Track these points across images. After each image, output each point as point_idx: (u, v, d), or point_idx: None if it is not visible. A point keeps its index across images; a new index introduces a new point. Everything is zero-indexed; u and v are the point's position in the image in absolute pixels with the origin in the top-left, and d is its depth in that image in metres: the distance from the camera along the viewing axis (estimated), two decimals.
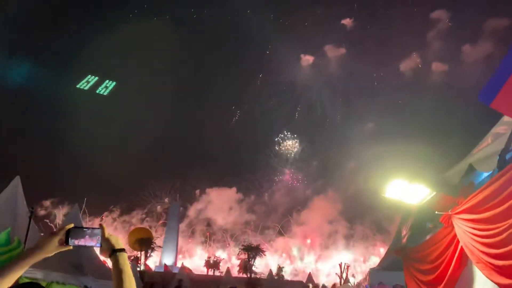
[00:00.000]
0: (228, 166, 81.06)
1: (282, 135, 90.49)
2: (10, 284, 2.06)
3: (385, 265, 15.78)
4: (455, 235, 5.88)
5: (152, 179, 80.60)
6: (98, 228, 2.34)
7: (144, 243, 45.23)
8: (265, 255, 48.13)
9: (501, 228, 4.36)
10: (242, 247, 48.01)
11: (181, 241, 71.47)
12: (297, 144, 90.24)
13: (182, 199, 78.82)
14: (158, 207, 78.38)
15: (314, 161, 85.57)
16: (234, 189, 75.37)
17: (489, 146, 4.68)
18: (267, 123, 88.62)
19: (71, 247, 2.27)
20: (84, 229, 2.32)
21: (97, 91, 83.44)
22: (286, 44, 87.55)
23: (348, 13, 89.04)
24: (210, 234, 73.10)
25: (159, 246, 55.19)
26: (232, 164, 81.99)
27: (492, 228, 4.57)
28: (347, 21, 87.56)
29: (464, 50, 73.66)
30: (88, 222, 68.95)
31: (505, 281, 4.24)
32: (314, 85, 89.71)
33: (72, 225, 2.30)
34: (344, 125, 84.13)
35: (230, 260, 53.51)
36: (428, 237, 7.43)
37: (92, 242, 2.29)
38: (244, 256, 46.09)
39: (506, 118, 4.45)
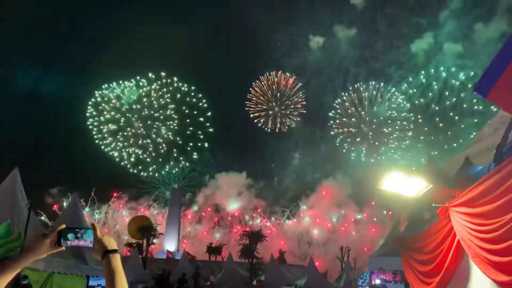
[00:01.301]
0: (238, 152, 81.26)
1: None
2: (3, 286, 2.08)
3: (385, 251, 15.85)
4: (452, 228, 5.83)
5: (161, 166, 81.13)
6: (91, 229, 2.34)
7: (145, 231, 45.52)
8: (266, 240, 48.50)
9: (497, 224, 4.29)
10: (243, 233, 48.41)
11: (188, 227, 72.04)
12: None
13: (191, 185, 79.31)
14: (167, 193, 78.71)
15: (323, 145, 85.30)
16: (243, 175, 75.55)
17: (486, 139, 4.59)
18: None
19: (64, 248, 2.31)
20: (76, 230, 2.32)
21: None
22: (294, 25, 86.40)
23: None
24: (218, 220, 73.62)
25: (161, 234, 55.60)
26: (241, 149, 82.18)
27: (488, 223, 4.51)
28: (357, 1, 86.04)
29: (477, 29, 72.32)
30: (96, 210, 69.66)
31: (501, 277, 4.19)
32: (324, 67, 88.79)
33: (63, 226, 2.31)
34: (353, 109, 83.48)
35: (238, 244, 53.97)
36: (426, 227, 7.39)
37: (85, 243, 2.30)
38: (245, 241, 46.45)
39: (503, 111, 4.35)
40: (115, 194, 71.05)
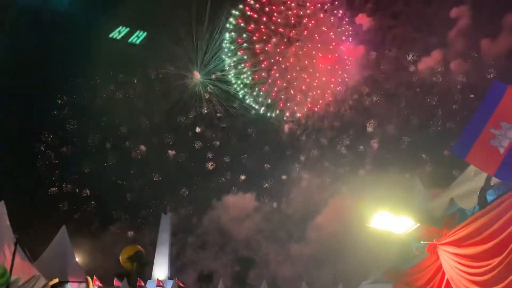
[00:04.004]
0: (246, 174, 79.63)
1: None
2: None
3: (377, 278, 15.74)
4: (441, 265, 5.85)
5: (166, 190, 78.84)
6: (83, 282, 2.31)
7: (135, 259, 44.73)
8: (258, 266, 47.71)
9: (486, 268, 4.32)
10: (233, 260, 47.60)
11: (189, 253, 70.24)
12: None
13: (197, 208, 77.48)
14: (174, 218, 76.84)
15: (327, 163, 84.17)
16: (251, 197, 73.83)
17: (470, 181, 4.66)
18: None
19: None
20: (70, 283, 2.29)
21: (130, 40, 76.99)
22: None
23: (366, 12, 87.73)
24: (222, 244, 71.78)
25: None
26: (250, 171, 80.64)
27: (477, 265, 4.54)
28: (364, 20, 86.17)
29: (483, 47, 72.57)
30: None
31: None
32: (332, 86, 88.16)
33: (56, 280, 2.29)
34: (359, 125, 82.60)
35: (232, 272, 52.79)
36: (415, 261, 7.40)
37: None
38: (238, 268, 45.65)
39: None
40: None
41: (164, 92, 63.28)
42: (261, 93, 52.93)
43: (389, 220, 5.89)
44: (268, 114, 55.30)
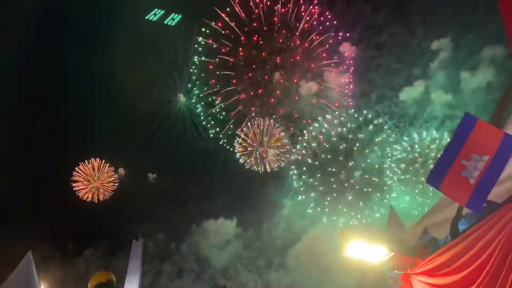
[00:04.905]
0: (229, 200, 78.09)
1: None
2: None
3: None
4: None
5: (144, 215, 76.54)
6: None
7: (104, 286, 43.06)
8: None
9: None
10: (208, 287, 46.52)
11: (164, 281, 68.13)
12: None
13: (176, 234, 75.43)
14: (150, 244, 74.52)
15: (313, 192, 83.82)
16: (232, 223, 72.26)
17: (443, 211, 4.73)
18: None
19: None
20: None
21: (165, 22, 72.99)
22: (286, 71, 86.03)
23: (351, 41, 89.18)
24: (200, 272, 69.66)
25: None
26: (232, 198, 79.11)
27: None
28: (348, 49, 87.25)
29: (463, 79, 74.88)
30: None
31: None
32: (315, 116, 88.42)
33: None
34: (343, 153, 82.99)
35: None
36: None
37: None
38: None
39: None
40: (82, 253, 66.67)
41: (147, 114, 61.49)
42: (237, 132, 42.97)
43: (364, 249, 5.91)
44: (247, 160, 46.29)
